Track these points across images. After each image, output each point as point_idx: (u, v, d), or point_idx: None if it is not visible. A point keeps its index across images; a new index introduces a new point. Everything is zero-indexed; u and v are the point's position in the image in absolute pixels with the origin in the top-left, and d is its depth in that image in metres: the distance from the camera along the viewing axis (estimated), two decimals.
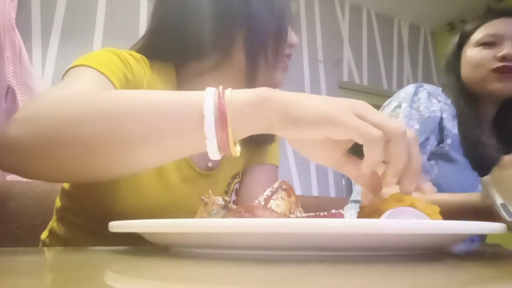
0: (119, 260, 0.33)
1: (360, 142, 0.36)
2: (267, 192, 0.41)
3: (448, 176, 0.91)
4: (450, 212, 0.76)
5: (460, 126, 0.93)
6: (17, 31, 0.90)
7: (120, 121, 0.39)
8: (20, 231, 0.84)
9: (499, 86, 0.91)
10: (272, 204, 0.40)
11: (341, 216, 0.35)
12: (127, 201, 0.56)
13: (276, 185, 0.42)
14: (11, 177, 0.94)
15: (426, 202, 0.39)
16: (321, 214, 0.35)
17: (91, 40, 2.25)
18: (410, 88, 0.97)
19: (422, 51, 3.65)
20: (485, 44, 0.94)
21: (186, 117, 0.39)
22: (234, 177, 0.71)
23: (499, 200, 0.46)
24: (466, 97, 0.96)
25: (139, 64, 0.61)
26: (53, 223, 0.66)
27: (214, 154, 0.40)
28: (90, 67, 0.52)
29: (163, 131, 0.39)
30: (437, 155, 0.93)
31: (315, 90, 2.96)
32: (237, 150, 0.41)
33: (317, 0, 3.12)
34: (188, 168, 0.63)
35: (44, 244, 0.67)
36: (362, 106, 0.38)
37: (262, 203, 0.39)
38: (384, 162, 0.37)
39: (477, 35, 0.97)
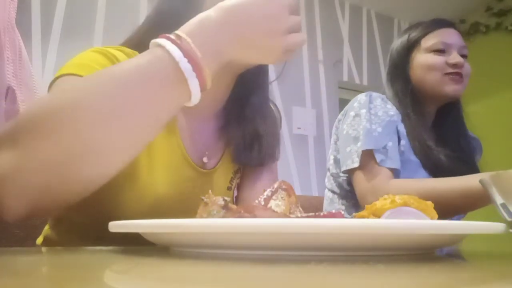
0: (119, 260, 0.33)
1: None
2: (267, 192, 0.41)
3: (403, 175, 0.97)
4: (451, 199, 0.82)
5: (408, 130, 1.01)
6: (17, 31, 0.90)
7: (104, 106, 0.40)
8: (20, 231, 0.84)
9: (452, 88, 1.01)
10: (272, 204, 0.40)
11: (341, 216, 0.35)
12: (125, 206, 0.55)
13: (276, 185, 0.42)
14: None
15: (417, 199, 0.39)
16: (321, 214, 0.35)
17: (91, 40, 2.25)
18: (363, 97, 1.03)
19: None
20: (437, 50, 1.03)
21: (159, 74, 0.42)
22: (236, 172, 0.71)
23: (499, 200, 0.46)
24: (413, 101, 1.04)
25: None
26: (47, 229, 0.66)
27: (196, 93, 0.44)
28: (77, 75, 0.50)
29: (146, 97, 0.42)
30: None
31: (315, 90, 2.95)
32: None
33: (317, 0, 3.12)
34: (188, 167, 0.62)
35: None
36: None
37: (262, 203, 0.39)
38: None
39: (429, 42, 1.05)
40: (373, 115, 0.98)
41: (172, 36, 0.44)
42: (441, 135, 1.06)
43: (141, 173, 0.56)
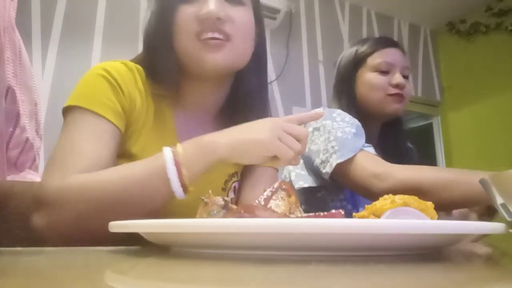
0: (119, 260, 0.33)
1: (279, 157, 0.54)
2: (267, 192, 0.41)
3: None
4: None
5: None
6: (17, 31, 0.90)
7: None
8: (20, 231, 0.84)
9: (394, 107, 1.05)
10: (272, 204, 0.40)
11: (341, 216, 0.35)
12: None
13: (276, 185, 0.42)
14: (11, 177, 0.94)
15: (417, 199, 0.39)
16: (321, 214, 0.35)
17: (91, 41, 2.25)
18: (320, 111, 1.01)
19: (422, 51, 3.65)
20: (381, 71, 1.06)
21: (156, 182, 0.52)
22: (232, 175, 0.71)
23: (499, 200, 0.46)
24: (359, 116, 1.03)
25: (131, 73, 0.63)
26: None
27: (179, 193, 0.52)
28: (86, 109, 0.57)
29: (141, 197, 0.52)
30: None
31: (315, 90, 2.96)
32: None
33: (317, 0, 3.12)
34: None
35: None
36: (281, 126, 0.55)
37: (262, 203, 0.39)
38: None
39: (374, 60, 1.08)
40: (341, 121, 0.96)
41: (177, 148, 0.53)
42: (384, 148, 1.08)
43: None
